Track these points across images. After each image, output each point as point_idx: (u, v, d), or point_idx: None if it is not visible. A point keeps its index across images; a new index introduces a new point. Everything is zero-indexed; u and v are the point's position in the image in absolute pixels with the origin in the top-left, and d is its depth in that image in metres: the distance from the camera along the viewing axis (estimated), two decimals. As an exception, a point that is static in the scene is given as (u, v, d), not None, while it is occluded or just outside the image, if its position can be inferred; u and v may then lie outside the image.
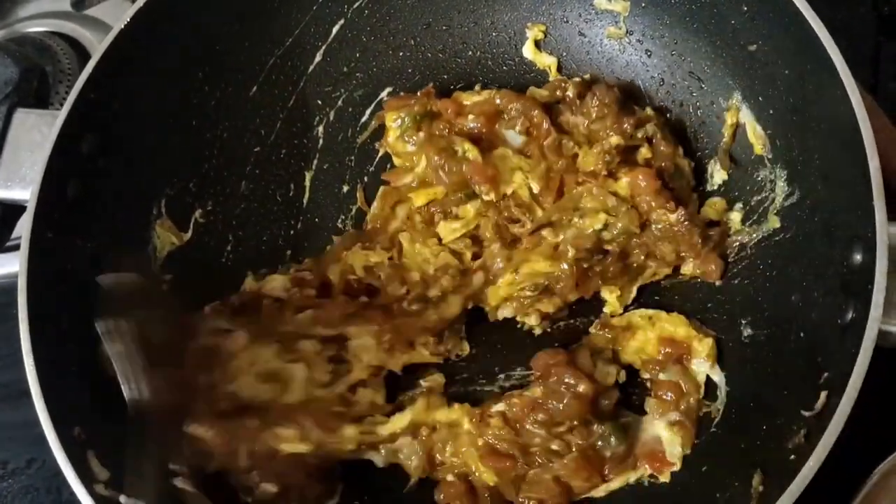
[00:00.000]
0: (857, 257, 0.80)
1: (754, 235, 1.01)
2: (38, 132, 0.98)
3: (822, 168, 0.89)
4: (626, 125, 1.02)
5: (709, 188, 1.07)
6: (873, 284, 0.76)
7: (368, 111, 1.19)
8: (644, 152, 1.03)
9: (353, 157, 1.18)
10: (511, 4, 1.16)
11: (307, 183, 1.17)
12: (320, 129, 1.18)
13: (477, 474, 0.95)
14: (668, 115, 1.09)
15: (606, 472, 0.93)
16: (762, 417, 0.88)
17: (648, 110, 1.07)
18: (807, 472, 0.73)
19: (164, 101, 1.06)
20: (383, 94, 1.19)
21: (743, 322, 0.98)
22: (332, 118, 1.19)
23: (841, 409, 0.74)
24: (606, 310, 1.05)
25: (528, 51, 1.17)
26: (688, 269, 1.04)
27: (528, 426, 0.94)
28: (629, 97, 1.09)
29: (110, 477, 0.84)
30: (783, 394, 0.87)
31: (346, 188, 1.18)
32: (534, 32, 1.16)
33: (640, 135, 1.03)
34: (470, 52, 1.19)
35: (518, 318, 1.05)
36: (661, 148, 1.04)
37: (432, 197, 1.09)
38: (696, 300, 1.04)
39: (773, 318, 0.94)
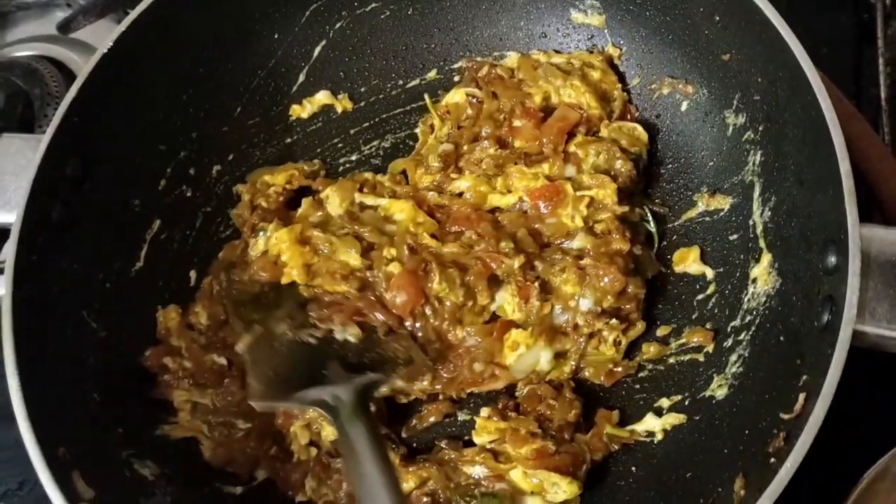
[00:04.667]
0: (832, 260, 0.81)
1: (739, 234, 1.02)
2: (22, 156, 1.00)
3: (796, 172, 0.90)
4: None
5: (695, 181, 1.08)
6: (847, 286, 0.77)
7: (352, 131, 1.21)
8: None
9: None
10: (490, 21, 1.18)
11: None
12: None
13: None
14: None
15: None
16: (744, 422, 0.89)
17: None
18: (784, 474, 0.73)
19: (148, 123, 1.08)
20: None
21: (728, 328, 0.98)
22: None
23: (817, 410, 0.74)
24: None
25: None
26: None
27: None
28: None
29: (95, 496, 0.85)
30: (764, 398, 0.87)
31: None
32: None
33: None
34: (449, 69, 1.20)
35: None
36: None
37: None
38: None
39: (754, 322, 0.95)
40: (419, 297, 0.98)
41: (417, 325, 0.99)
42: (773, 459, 0.77)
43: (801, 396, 0.78)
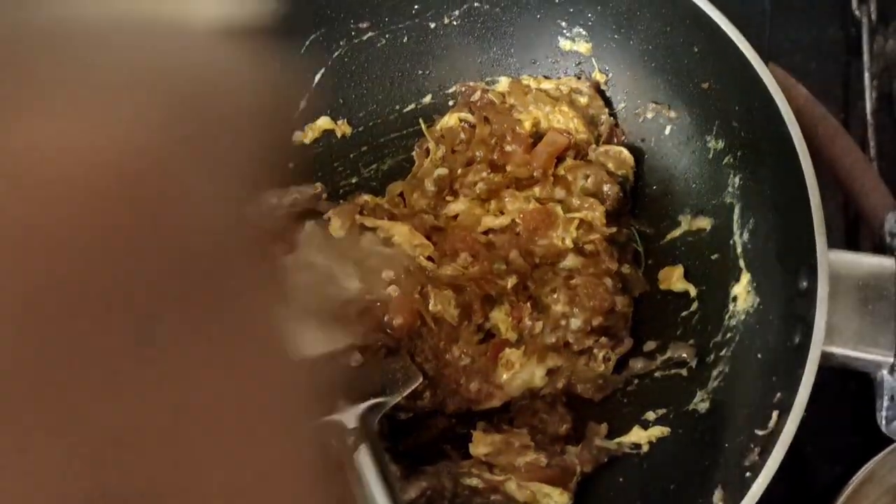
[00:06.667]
0: (804, 283, 0.86)
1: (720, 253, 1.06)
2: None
3: (771, 197, 0.95)
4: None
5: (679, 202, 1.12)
6: (816, 309, 0.81)
7: (352, 155, 1.25)
8: None
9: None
10: (483, 48, 1.23)
11: (294, 225, 1.23)
12: (303, 175, 1.25)
13: None
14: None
15: None
16: (724, 436, 0.93)
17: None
18: (757, 489, 0.78)
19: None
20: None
21: (710, 344, 1.02)
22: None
23: (787, 428, 0.79)
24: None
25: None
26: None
27: None
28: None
29: None
30: (742, 413, 0.92)
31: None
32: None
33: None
34: (443, 93, 1.25)
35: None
36: None
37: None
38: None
39: (734, 339, 0.99)
40: (416, 319, 1.04)
41: (415, 345, 1.05)
42: (748, 473, 0.82)
43: (775, 414, 0.83)
